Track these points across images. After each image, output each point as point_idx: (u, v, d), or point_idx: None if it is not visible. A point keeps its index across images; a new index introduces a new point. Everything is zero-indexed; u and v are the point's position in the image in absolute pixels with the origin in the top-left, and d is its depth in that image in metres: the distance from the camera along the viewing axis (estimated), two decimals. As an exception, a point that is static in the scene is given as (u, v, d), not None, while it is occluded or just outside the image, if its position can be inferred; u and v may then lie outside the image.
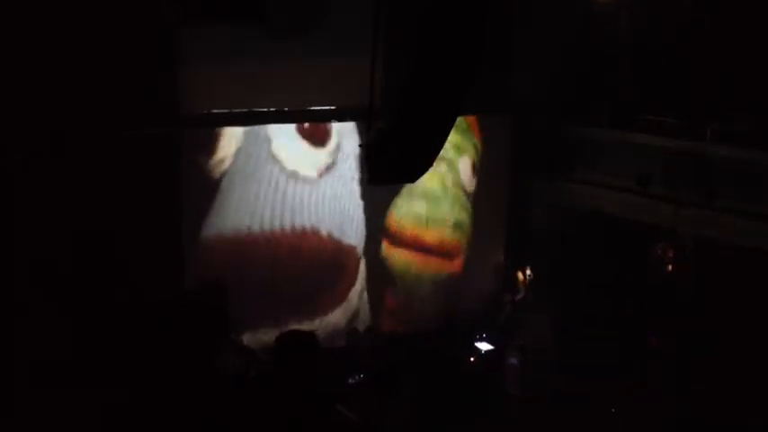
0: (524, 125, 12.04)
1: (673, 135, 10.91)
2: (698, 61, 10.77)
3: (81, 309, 8.33)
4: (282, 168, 10.26)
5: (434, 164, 10.72)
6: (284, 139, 10.22)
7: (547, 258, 11.89)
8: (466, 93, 6.01)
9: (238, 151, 10.01)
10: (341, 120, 10.41)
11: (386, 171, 6.56)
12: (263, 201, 10.19)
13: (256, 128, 10.09)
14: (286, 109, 10.09)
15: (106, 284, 8.55)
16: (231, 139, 9.96)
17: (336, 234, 10.69)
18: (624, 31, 11.86)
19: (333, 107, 10.30)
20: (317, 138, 10.41)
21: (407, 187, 10.75)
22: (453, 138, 10.69)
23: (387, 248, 11.09)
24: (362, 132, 9.85)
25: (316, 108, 10.27)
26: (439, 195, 11.15)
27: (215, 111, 9.69)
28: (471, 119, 11.55)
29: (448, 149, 10.94)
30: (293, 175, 10.33)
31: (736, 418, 9.46)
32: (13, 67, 8.07)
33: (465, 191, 11.51)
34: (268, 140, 10.16)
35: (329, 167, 10.52)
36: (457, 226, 11.45)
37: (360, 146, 9.57)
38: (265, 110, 9.94)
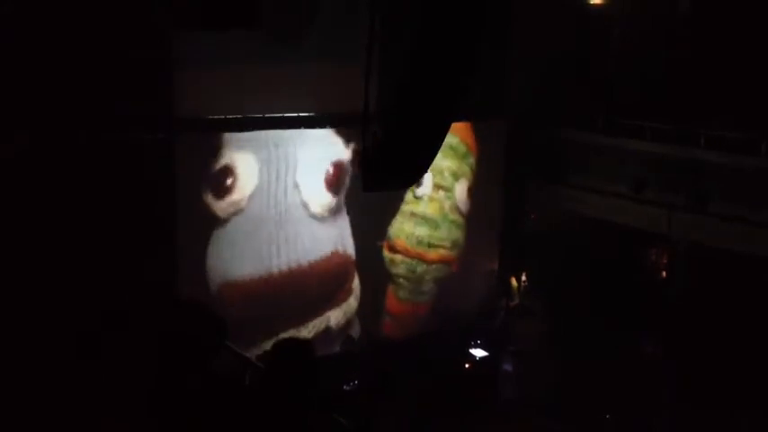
0: (519, 130, 12.06)
1: (667, 141, 10.93)
2: (693, 67, 10.80)
3: (74, 312, 8.29)
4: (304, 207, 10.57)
5: (433, 191, 11.40)
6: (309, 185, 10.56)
7: (541, 264, 11.89)
8: (461, 98, 6.00)
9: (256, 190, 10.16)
10: (336, 125, 10.42)
11: (381, 177, 6.55)
12: (276, 238, 10.41)
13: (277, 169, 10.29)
14: (282, 115, 10.08)
15: (99, 289, 8.50)
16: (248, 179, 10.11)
17: (340, 250, 11.00)
18: (619, 36, 11.89)
19: (328, 113, 10.30)
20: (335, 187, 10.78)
21: (408, 209, 11.49)
22: (451, 164, 11.68)
23: (390, 255, 11.53)
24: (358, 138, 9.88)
25: (311, 114, 10.27)
26: (438, 221, 11.79)
27: (210, 116, 9.66)
28: (470, 140, 11.86)
29: (446, 177, 11.78)
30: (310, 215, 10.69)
31: (733, 423, 9.49)
32: (9, 71, 8.04)
33: (462, 214, 12.03)
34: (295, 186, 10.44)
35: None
36: (454, 244, 12.04)
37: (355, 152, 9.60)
38: (260, 116, 9.93)
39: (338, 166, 10.66)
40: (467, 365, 11.24)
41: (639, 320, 11.02)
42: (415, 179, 6.54)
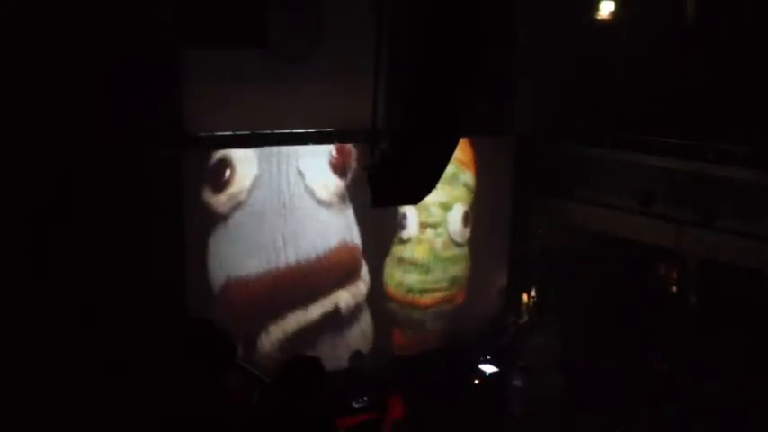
0: (526, 145, 12.06)
1: (676, 155, 10.91)
2: (701, 80, 10.79)
3: (84, 328, 8.31)
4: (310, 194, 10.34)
5: (419, 231, 10.90)
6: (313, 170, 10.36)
7: (550, 280, 11.86)
8: (467, 113, 6.02)
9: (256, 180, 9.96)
10: (344, 141, 10.43)
11: (389, 193, 6.55)
12: (281, 231, 10.21)
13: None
14: (290, 131, 10.10)
15: (104, 305, 8.51)
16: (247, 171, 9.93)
17: (348, 241, 10.78)
18: (627, 50, 11.90)
19: (336, 129, 10.31)
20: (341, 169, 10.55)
21: (396, 253, 11.03)
22: (438, 195, 10.78)
23: (386, 302, 11.25)
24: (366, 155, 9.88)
25: (319, 130, 10.28)
26: (429, 265, 11.27)
27: (217, 133, 9.68)
28: (461, 155, 11.41)
29: (433, 212, 11.09)
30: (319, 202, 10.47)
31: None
32: (8, 75, 8.05)
33: (458, 244, 11.55)
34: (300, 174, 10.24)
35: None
36: (453, 282, 11.60)
37: (363, 168, 9.59)
38: (269, 132, 9.94)
39: (341, 148, 10.43)
40: (476, 381, 11.20)
41: (649, 336, 10.98)
42: (424, 195, 6.53)
